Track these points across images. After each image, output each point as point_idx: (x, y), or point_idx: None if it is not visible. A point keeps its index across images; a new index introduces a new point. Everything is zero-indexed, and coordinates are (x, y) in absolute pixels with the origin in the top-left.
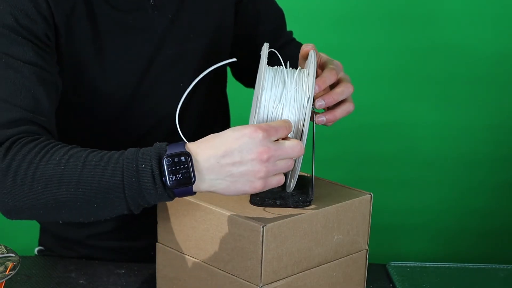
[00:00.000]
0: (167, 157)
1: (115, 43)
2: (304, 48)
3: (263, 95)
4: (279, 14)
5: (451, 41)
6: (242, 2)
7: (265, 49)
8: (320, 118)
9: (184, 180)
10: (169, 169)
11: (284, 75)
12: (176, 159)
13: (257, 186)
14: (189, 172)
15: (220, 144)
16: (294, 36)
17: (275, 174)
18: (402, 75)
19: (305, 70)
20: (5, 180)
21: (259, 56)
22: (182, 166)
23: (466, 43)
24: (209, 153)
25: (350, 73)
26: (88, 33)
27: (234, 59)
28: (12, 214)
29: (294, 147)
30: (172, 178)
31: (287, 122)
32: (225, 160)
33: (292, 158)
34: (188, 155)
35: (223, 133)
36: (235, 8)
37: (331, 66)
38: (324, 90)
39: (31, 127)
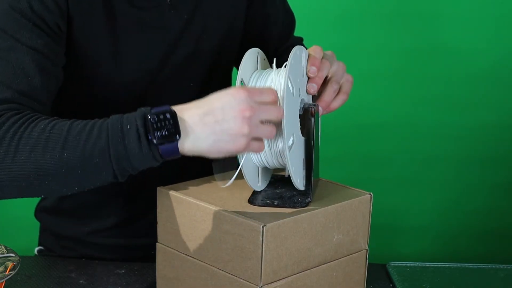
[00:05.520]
0: (152, 114)
1: (130, 40)
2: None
3: None
4: (289, 18)
5: (451, 41)
6: (252, 7)
7: (248, 54)
8: (319, 109)
9: (169, 136)
10: (154, 125)
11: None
12: (162, 116)
13: (240, 144)
14: (174, 128)
15: (203, 103)
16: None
17: (257, 139)
18: (401, 75)
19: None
20: None
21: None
22: (167, 122)
23: (466, 43)
24: (193, 111)
25: (350, 73)
26: (104, 28)
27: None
28: None
29: (274, 108)
30: (157, 134)
31: (271, 88)
32: (208, 118)
33: (273, 122)
34: (173, 112)
35: (207, 96)
36: (246, 12)
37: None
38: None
39: (20, 106)
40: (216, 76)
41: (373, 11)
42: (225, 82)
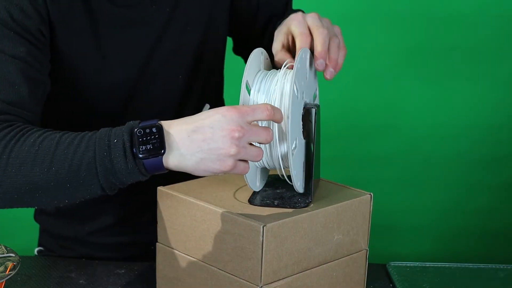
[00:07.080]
0: (139, 128)
1: (114, 38)
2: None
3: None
4: None
5: (451, 41)
6: None
7: (253, 55)
8: (330, 70)
9: (154, 150)
10: (140, 139)
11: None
12: (148, 130)
13: (227, 165)
14: (159, 142)
15: (192, 120)
16: None
17: (244, 160)
18: (402, 75)
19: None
20: None
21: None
22: (153, 137)
23: (466, 43)
24: (181, 127)
25: (350, 73)
26: (87, 29)
27: None
28: None
29: (264, 131)
30: (142, 148)
31: (266, 105)
32: (196, 135)
33: (260, 143)
34: (159, 126)
35: (198, 113)
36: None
37: (321, 35)
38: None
39: (11, 117)
40: (204, 67)
41: (373, 11)
42: (213, 72)
